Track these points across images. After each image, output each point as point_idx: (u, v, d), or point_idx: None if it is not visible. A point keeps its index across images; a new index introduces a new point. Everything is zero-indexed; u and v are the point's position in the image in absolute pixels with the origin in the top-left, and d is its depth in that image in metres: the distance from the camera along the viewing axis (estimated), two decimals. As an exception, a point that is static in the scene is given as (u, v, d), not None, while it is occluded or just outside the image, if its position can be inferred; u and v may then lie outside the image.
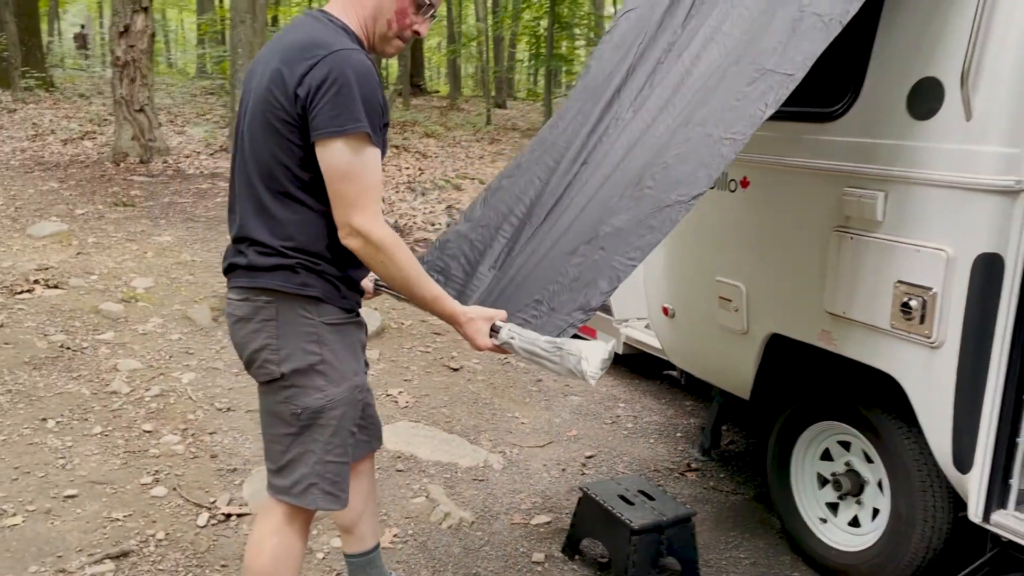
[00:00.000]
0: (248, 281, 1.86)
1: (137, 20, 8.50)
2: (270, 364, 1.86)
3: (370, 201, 1.75)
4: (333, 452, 1.92)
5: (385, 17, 1.87)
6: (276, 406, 1.90)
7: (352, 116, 1.69)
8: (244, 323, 1.89)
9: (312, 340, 1.85)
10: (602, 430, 4.06)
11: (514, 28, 21.97)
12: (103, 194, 7.49)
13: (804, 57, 2.16)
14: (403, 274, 1.82)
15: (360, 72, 1.71)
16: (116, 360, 4.24)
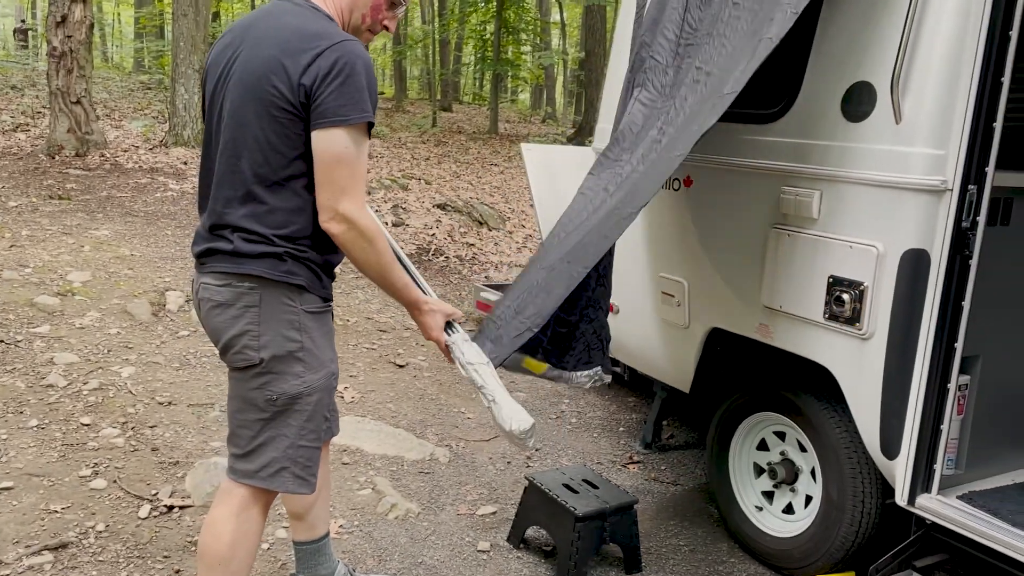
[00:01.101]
0: (232, 267, 1.86)
1: (75, 10, 8.28)
2: (249, 350, 1.88)
3: (358, 188, 1.81)
4: (307, 437, 1.95)
5: (360, 11, 1.94)
6: (250, 392, 1.91)
7: (358, 106, 1.76)
8: (223, 308, 1.89)
9: (293, 327, 1.89)
10: (547, 425, 4.12)
11: (460, 32, 22.02)
12: (37, 187, 7.27)
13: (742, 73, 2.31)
14: (381, 261, 1.88)
15: (366, 63, 1.78)
16: (52, 354, 4.13)
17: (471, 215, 8.68)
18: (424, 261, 7.19)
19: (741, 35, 2.49)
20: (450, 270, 7.09)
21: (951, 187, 2.27)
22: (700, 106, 2.47)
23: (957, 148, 2.26)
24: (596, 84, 15.90)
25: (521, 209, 9.58)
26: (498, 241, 8.19)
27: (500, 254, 7.80)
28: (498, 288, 5.65)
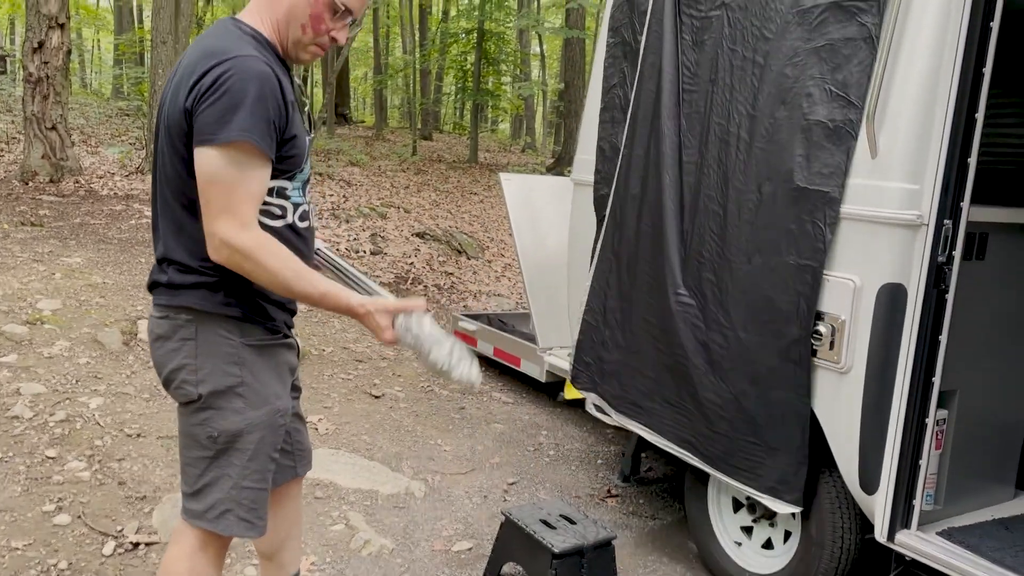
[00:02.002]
0: (168, 299, 1.80)
1: (53, 36, 8.23)
2: (187, 385, 1.80)
3: (238, 209, 1.64)
4: (250, 478, 1.85)
5: (299, 22, 1.78)
6: (192, 428, 1.84)
7: (231, 124, 1.61)
8: (163, 341, 1.83)
9: (232, 361, 1.79)
10: (524, 457, 4.07)
11: (441, 62, 22.14)
12: (9, 213, 7.17)
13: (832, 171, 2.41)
14: (279, 278, 1.69)
15: (251, 78, 1.62)
16: (19, 384, 4.03)
17: (450, 244, 8.66)
18: (402, 290, 7.15)
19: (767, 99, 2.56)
20: (428, 299, 7.06)
21: (927, 222, 2.28)
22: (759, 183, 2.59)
23: (932, 183, 2.27)
24: (575, 115, 16.01)
25: (500, 238, 9.58)
26: (477, 270, 8.17)
27: (479, 283, 7.77)
28: (476, 318, 5.63)
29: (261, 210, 1.76)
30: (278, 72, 1.71)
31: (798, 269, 2.49)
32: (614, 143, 3.29)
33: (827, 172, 2.43)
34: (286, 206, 1.82)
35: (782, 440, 2.60)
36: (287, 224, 1.83)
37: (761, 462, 2.67)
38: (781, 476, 2.60)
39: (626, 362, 3.17)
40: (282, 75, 1.75)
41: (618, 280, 3.21)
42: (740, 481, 2.72)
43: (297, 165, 1.81)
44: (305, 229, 1.90)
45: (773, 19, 2.59)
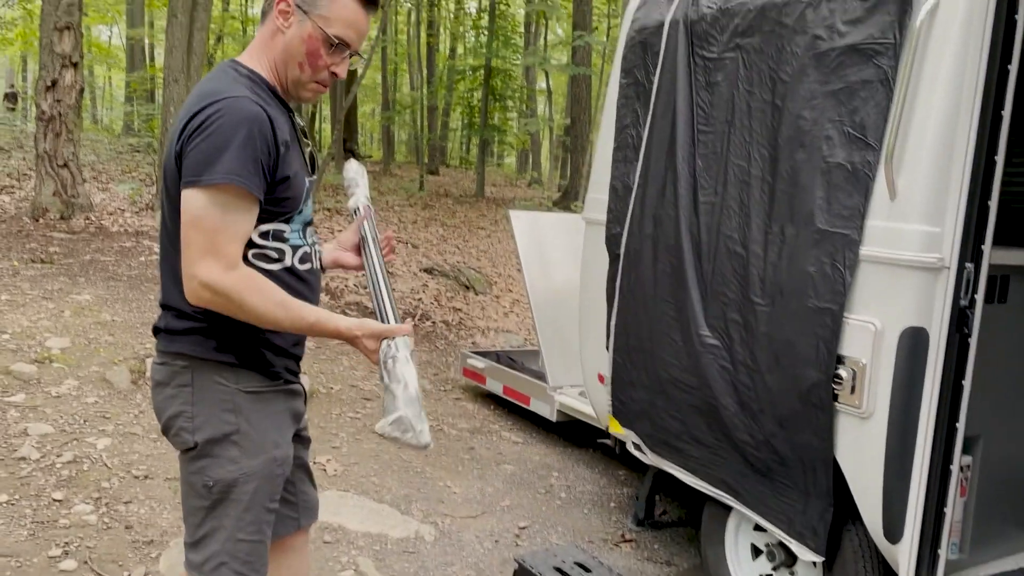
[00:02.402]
0: (165, 345, 1.78)
1: (66, 75, 8.32)
2: (184, 432, 1.76)
3: (223, 251, 1.60)
4: (245, 530, 1.79)
5: (296, 60, 1.75)
6: (190, 476, 1.79)
7: (216, 166, 1.58)
8: (161, 388, 1.79)
9: (227, 408, 1.75)
10: (536, 500, 4.00)
11: (448, 98, 22.36)
12: (19, 250, 7.18)
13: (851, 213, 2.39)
14: (266, 315, 1.64)
15: (239, 119, 1.60)
16: (26, 424, 4.00)
17: (458, 279, 8.65)
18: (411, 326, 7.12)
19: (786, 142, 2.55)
20: (436, 335, 7.02)
21: (948, 264, 2.25)
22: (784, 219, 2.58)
23: (953, 225, 2.25)
24: (581, 150, 16.12)
25: (508, 273, 9.57)
26: (485, 306, 8.14)
27: (487, 319, 7.74)
28: (485, 355, 5.59)
29: (256, 253, 1.74)
30: (272, 113, 1.69)
31: (818, 312, 2.45)
32: (627, 182, 3.28)
33: (846, 214, 2.41)
34: (283, 249, 1.79)
35: (810, 485, 2.55)
36: (285, 267, 1.79)
37: (792, 505, 2.62)
38: (808, 522, 2.55)
39: (653, 402, 3.13)
40: (278, 115, 1.73)
41: (637, 320, 3.18)
42: (773, 523, 2.67)
43: (294, 207, 1.77)
44: (307, 272, 1.85)
45: (789, 61, 2.59)
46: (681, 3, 3.05)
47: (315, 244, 1.92)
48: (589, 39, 14.42)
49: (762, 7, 2.71)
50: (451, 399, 5.57)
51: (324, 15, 1.72)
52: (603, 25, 21.67)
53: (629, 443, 3.37)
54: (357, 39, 1.78)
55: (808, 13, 2.56)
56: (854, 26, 2.45)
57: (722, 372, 2.81)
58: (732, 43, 2.82)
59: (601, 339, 3.45)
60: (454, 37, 25.51)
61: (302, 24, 1.73)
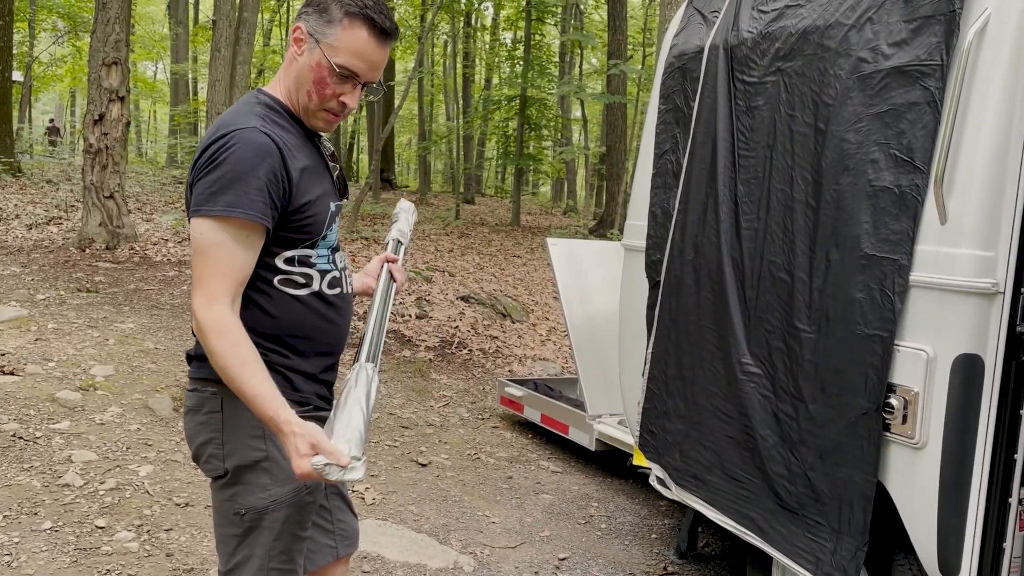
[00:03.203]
0: (196, 371, 1.78)
1: (113, 109, 8.55)
2: (214, 459, 1.76)
3: (210, 282, 1.59)
4: (277, 559, 1.77)
5: (304, 88, 1.75)
6: (222, 504, 1.78)
7: (218, 198, 1.59)
8: (192, 414, 1.79)
9: (257, 435, 1.73)
10: (575, 530, 3.94)
11: (484, 128, 22.55)
12: (66, 279, 7.34)
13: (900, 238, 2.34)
14: (221, 362, 1.57)
15: (246, 152, 1.60)
16: (71, 451, 4.05)
17: (494, 307, 8.65)
18: (448, 354, 7.11)
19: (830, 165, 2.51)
20: (473, 363, 7.01)
21: (1003, 290, 2.18)
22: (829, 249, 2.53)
23: (1007, 249, 2.18)
24: (617, 177, 16.11)
25: (544, 301, 9.54)
26: (522, 334, 8.12)
27: (524, 347, 7.71)
28: (522, 383, 5.55)
29: (283, 279, 1.74)
30: (285, 140, 1.69)
31: (867, 339, 2.39)
32: (667, 208, 3.25)
33: (894, 239, 2.35)
34: (311, 274, 1.78)
35: (844, 522, 2.47)
36: (313, 292, 1.79)
37: (822, 544, 2.54)
38: (838, 562, 2.46)
39: (688, 433, 3.07)
40: (295, 142, 1.73)
41: (677, 347, 3.13)
42: (799, 563, 2.58)
43: (317, 232, 1.76)
44: (336, 296, 1.84)
45: (832, 84, 2.56)
46: (720, 28, 3.03)
47: (345, 268, 1.91)
48: (624, 67, 14.47)
49: (804, 30, 2.69)
50: (488, 427, 5.53)
51: (332, 44, 1.71)
52: (638, 54, 21.76)
53: (652, 477, 3.31)
54: (367, 70, 1.75)
55: (852, 35, 2.53)
56: (899, 48, 2.41)
57: (762, 401, 2.75)
58: (773, 67, 2.79)
59: (640, 367, 3.40)
60: (489, 68, 25.79)
61: (312, 52, 1.73)
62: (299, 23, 1.75)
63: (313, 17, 1.73)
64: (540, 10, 17.37)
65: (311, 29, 1.73)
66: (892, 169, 2.39)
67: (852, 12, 2.55)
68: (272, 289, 1.73)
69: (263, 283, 1.72)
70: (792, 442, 2.64)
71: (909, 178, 2.35)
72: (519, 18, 20.02)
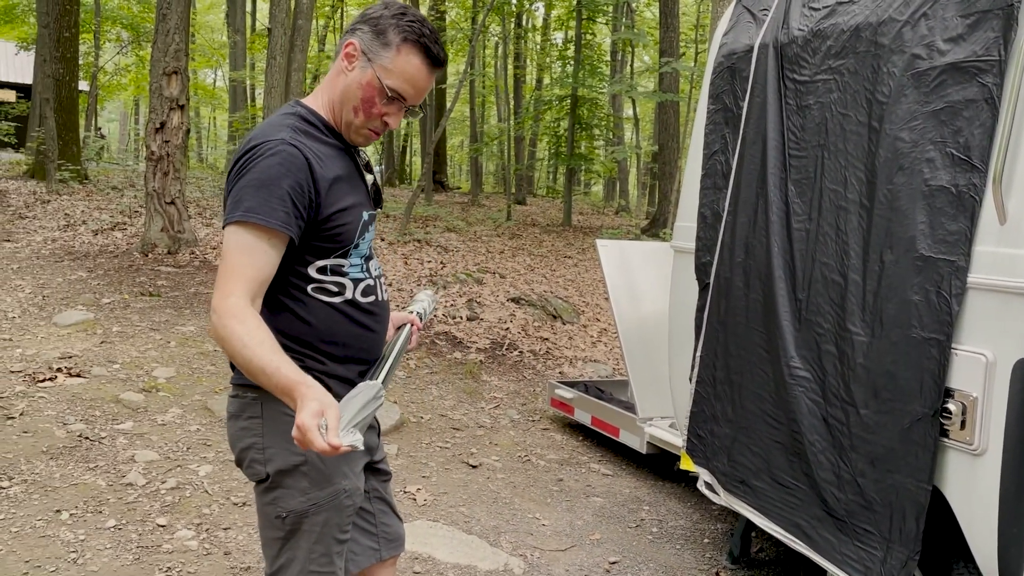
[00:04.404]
0: (238, 377, 1.83)
1: (173, 117, 8.80)
2: (256, 464, 1.80)
3: (227, 282, 1.62)
4: (317, 562, 1.81)
5: (351, 104, 1.78)
6: (265, 508, 1.83)
7: (240, 205, 1.64)
8: (234, 420, 1.84)
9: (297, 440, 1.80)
10: (626, 534, 3.93)
11: (535, 128, 22.56)
12: (130, 284, 7.58)
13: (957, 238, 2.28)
14: (238, 344, 1.54)
15: (271, 162, 1.64)
16: (134, 451, 4.19)
17: (545, 309, 8.65)
18: (498, 355, 7.14)
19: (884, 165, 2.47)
20: (524, 365, 7.02)
21: (1066, 292, 2.11)
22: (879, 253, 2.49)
23: (1071, 250, 2.11)
24: (669, 177, 15.96)
25: (596, 303, 9.51)
26: (572, 335, 8.10)
27: (575, 348, 7.70)
28: (573, 385, 5.55)
29: (316, 288, 1.77)
30: (315, 151, 1.72)
31: (923, 343, 2.33)
32: (716, 210, 3.22)
33: (951, 240, 2.29)
34: (343, 283, 1.81)
35: (895, 530, 2.42)
36: (346, 300, 1.82)
37: (872, 553, 2.48)
38: (888, 571, 2.40)
39: (736, 437, 3.04)
40: (326, 152, 1.76)
41: (725, 351, 3.10)
42: (847, 572, 2.53)
43: (349, 241, 1.79)
44: (370, 304, 1.87)
45: (886, 82, 2.50)
46: (770, 27, 2.99)
47: (380, 277, 1.94)
48: (676, 65, 14.33)
49: (856, 28, 2.63)
50: (539, 429, 5.54)
51: (386, 66, 1.75)
52: (690, 51, 21.52)
53: (701, 482, 3.28)
54: (415, 95, 1.80)
55: (906, 32, 2.47)
56: (955, 44, 2.35)
57: (812, 406, 2.70)
58: (825, 65, 2.74)
59: (689, 371, 3.37)
60: (540, 68, 25.79)
61: (364, 70, 1.76)
62: (352, 39, 1.77)
63: (368, 36, 1.76)
64: (591, 9, 17.30)
65: (365, 47, 1.76)
66: (948, 168, 2.33)
67: (906, 8, 2.49)
68: (306, 297, 1.78)
69: (297, 291, 1.77)
70: (842, 448, 2.59)
71: (966, 177, 2.29)
72: (570, 18, 19.97)
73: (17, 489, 3.66)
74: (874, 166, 2.53)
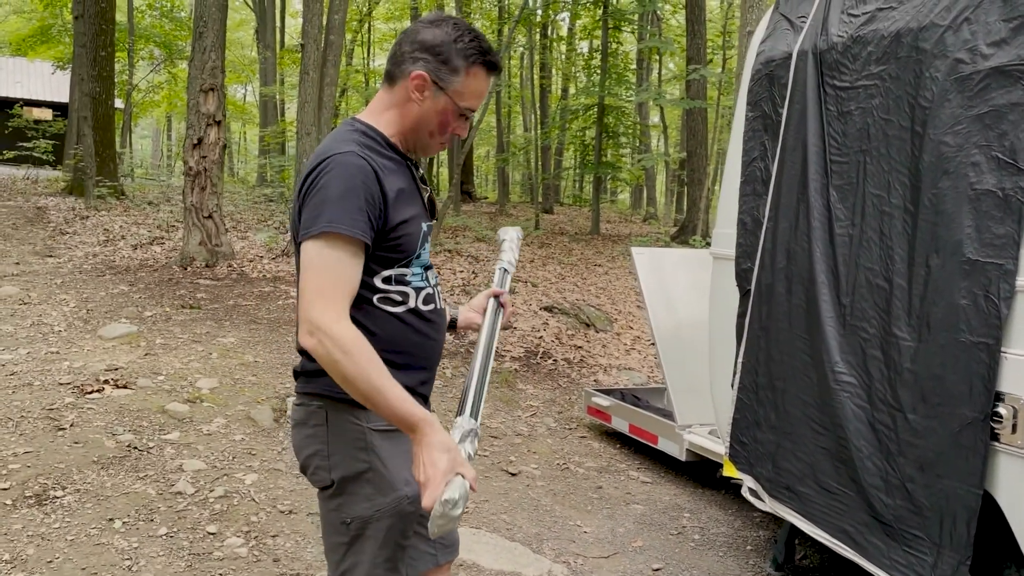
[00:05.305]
0: (303, 386, 1.88)
1: (211, 133, 8.96)
2: (321, 471, 1.85)
3: (333, 295, 1.66)
4: (382, 567, 1.85)
5: (427, 129, 1.86)
6: (329, 514, 1.87)
7: (322, 217, 1.68)
8: (300, 428, 1.89)
9: (361, 447, 1.82)
10: (668, 541, 3.93)
11: (561, 138, 22.61)
12: (171, 297, 7.72)
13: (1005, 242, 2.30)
14: (360, 372, 1.62)
15: (344, 173, 1.70)
16: (181, 460, 4.27)
17: (578, 317, 8.67)
18: (532, 364, 7.17)
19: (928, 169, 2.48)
20: (558, 373, 7.04)
21: (1119, 294, 2.10)
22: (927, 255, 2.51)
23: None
24: (698, 183, 15.93)
25: (628, 310, 9.51)
26: (606, 343, 8.11)
27: (608, 356, 7.71)
28: (609, 393, 5.56)
29: (381, 297, 1.82)
30: (381, 163, 1.78)
31: (972, 347, 2.33)
32: (756, 216, 3.23)
33: (999, 243, 2.29)
34: (407, 292, 1.86)
35: (946, 536, 2.41)
36: (409, 309, 1.86)
37: (922, 559, 2.47)
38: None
39: (780, 443, 3.04)
40: (390, 166, 1.81)
41: (768, 357, 3.11)
42: None
43: (411, 252, 1.84)
44: (431, 312, 1.92)
45: (928, 87, 2.51)
46: (809, 33, 3.01)
47: (437, 286, 1.99)
48: (704, 72, 14.32)
49: (897, 33, 2.64)
50: (576, 437, 5.56)
51: (459, 90, 1.83)
52: (717, 58, 21.47)
53: (745, 488, 3.28)
54: (479, 105, 1.91)
55: (948, 37, 2.48)
56: (999, 48, 2.36)
57: (857, 411, 2.71)
58: (866, 71, 2.76)
59: (731, 377, 3.38)
60: (566, 77, 25.85)
61: (436, 98, 1.83)
62: (419, 71, 1.81)
63: (433, 65, 1.82)
64: (617, 18, 17.34)
65: (434, 77, 1.82)
66: (994, 171, 2.33)
67: (947, 13, 2.50)
68: (371, 307, 1.82)
69: (363, 302, 1.81)
70: (889, 453, 2.59)
71: (1013, 180, 2.29)
72: (595, 27, 20.02)
73: (71, 498, 3.75)
74: (918, 170, 2.54)
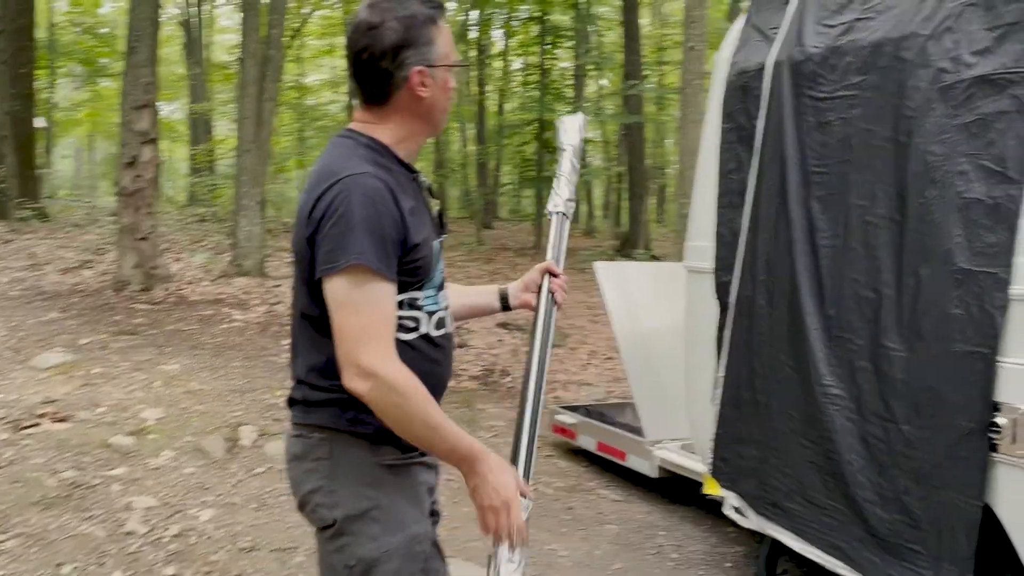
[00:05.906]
0: (302, 417, 1.74)
1: (145, 151, 8.61)
2: (322, 508, 1.71)
3: (377, 335, 1.58)
4: None
5: (441, 105, 1.78)
6: (330, 556, 1.73)
7: (347, 249, 1.57)
8: (298, 461, 1.75)
9: (367, 483, 1.69)
10: (646, 562, 3.85)
11: (499, 154, 22.61)
12: (106, 323, 7.36)
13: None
14: (424, 417, 1.60)
15: (362, 199, 1.59)
16: (130, 498, 4.02)
17: (530, 333, 8.58)
18: (491, 383, 7.06)
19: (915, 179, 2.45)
20: (518, 391, 6.93)
21: (1114, 300, 2.11)
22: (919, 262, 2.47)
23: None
24: (639, 198, 16.10)
25: (580, 324, 9.47)
26: (562, 359, 8.04)
27: (566, 372, 7.64)
28: (574, 410, 5.48)
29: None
30: (395, 181, 1.67)
31: (967, 357, 2.32)
32: (734, 228, 3.20)
33: (991, 252, 2.29)
34: (419, 316, 1.74)
35: (945, 549, 2.38)
36: (421, 335, 1.74)
37: (921, 572, 2.44)
38: None
39: (765, 459, 2.99)
40: (402, 182, 1.70)
41: (750, 370, 3.07)
42: None
43: (426, 273, 1.73)
44: (441, 337, 1.80)
45: (912, 96, 2.51)
46: (784, 45, 2.99)
47: (447, 308, 1.87)
48: (643, 88, 14.50)
49: (877, 43, 2.64)
50: (542, 456, 5.45)
51: (442, 54, 1.74)
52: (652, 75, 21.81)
53: (728, 506, 3.23)
54: None
55: (930, 46, 2.48)
56: (983, 56, 2.37)
57: (847, 424, 2.67)
58: (845, 81, 2.74)
59: (710, 392, 3.33)
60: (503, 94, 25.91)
61: (436, 77, 1.73)
62: (416, 68, 1.70)
63: (415, 52, 1.70)
64: (554, 35, 17.46)
65: (426, 62, 1.71)
66: (983, 180, 2.33)
67: (928, 22, 2.51)
68: None
69: None
70: (883, 466, 2.56)
71: (1003, 188, 2.29)
72: (532, 43, 20.11)
73: (13, 543, 3.47)
74: (904, 180, 2.52)
